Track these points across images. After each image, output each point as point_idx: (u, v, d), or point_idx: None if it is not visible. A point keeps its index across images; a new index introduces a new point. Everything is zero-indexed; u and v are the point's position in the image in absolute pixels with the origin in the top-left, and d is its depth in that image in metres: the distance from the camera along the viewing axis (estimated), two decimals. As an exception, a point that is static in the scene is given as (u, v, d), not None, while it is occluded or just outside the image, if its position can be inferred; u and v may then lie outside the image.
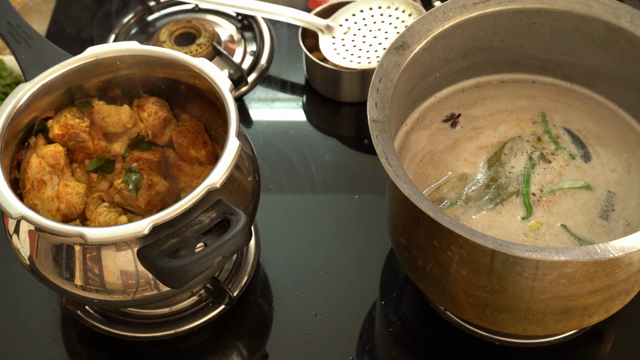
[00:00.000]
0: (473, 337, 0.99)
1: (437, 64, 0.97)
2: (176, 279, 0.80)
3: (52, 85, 0.94)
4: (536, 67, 1.02)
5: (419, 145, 0.97)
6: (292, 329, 1.01)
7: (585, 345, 0.99)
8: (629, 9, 0.93)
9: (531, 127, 0.98)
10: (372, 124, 0.84)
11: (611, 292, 0.85)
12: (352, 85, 1.21)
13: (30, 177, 0.92)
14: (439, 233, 0.83)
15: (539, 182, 0.93)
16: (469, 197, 0.92)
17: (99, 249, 0.85)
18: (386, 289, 1.04)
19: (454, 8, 0.95)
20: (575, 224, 0.90)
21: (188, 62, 0.94)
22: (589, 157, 0.95)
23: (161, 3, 1.35)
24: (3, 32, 0.98)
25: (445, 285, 0.88)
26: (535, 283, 0.81)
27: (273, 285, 1.05)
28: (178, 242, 0.82)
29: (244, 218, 0.82)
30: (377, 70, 0.89)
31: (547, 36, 0.98)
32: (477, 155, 0.96)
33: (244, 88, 1.24)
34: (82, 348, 1.02)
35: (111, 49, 0.96)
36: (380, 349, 1.00)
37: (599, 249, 0.76)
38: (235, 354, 1.02)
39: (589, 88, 1.01)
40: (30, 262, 0.88)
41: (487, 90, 1.02)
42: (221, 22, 1.32)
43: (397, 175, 0.81)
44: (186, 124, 0.98)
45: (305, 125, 1.23)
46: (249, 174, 0.93)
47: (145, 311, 1.02)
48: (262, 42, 1.30)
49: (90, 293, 0.87)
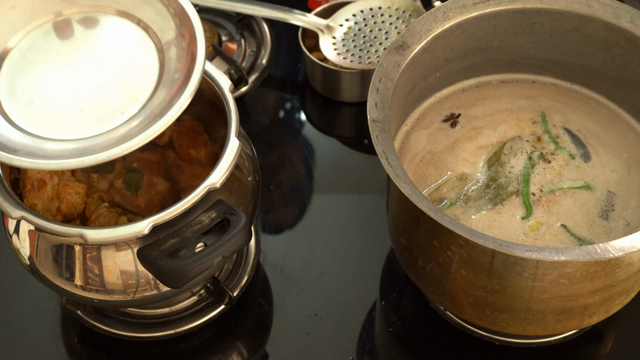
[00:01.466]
0: (473, 337, 0.99)
1: (437, 64, 0.97)
2: (176, 279, 0.80)
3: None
4: (536, 67, 1.02)
5: (419, 145, 0.97)
6: (292, 329, 1.01)
7: (585, 345, 0.99)
8: (629, 9, 0.93)
9: (531, 127, 0.98)
10: (372, 124, 0.84)
11: (611, 292, 0.85)
12: (352, 85, 1.21)
13: (30, 177, 0.92)
14: (439, 233, 0.83)
15: (539, 182, 0.93)
16: (469, 197, 0.92)
17: (99, 249, 0.85)
18: (386, 289, 1.04)
19: (454, 8, 0.95)
20: (575, 224, 0.90)
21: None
22: (589, 157, 0.95)
23: (161, 3, 1.35)
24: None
25: (445, 285, 0.88)
26: (535, 283, 0.81)
27: (273, 285, 1.05)
28: (178, 242, 0.82)
29: (244, 218, 0.82)
30: (377, 70, 0.89)
31: (547, 36, 0.98)
32: (476, 155, 0.96)
33: (244, 88, 1.24)
34: (82, 348, 1.02)
35: None
36: (380, 349, 1.00)
37: (599, 249, 0.76)
38: (235, 354, 1.02)
39: (589, 88, 1.01)
40: (30, 262, 0.88)
41: (487, 90, 1.02)
42: (221, 22, 1.32)
43: (397, 175, 0.81)
44: (186, 124, 0.98)
45: (305, 125, 1.23)
46: (249, 174, 0.93)
47: (145, 311, 1.02)
48: (262, 42, 1.30)
49: (90, 293, 0.87)
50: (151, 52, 0.87)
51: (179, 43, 0.86)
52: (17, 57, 0.88)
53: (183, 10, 0.87)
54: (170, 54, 0.86)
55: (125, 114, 0.83)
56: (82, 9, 0.91)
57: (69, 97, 0.84)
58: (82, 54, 0.87)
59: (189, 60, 0.84)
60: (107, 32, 0.89)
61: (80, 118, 0.83)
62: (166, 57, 0.86)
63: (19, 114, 0.83)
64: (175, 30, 0.87)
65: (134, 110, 0.83)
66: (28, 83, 0.86)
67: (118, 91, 0.84)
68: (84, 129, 0.82)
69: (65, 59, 0.87)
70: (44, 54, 0.88)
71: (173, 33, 0.87)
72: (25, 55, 0.88)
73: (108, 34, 0.89)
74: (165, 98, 0.83)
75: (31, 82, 0.86)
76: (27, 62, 0.87)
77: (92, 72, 0.86)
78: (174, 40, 0.86)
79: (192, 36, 0.85)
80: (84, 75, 0.86)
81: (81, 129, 0.82)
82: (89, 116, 0.83)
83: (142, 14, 0.89)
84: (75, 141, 0.81)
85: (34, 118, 0.83)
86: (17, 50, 0.88)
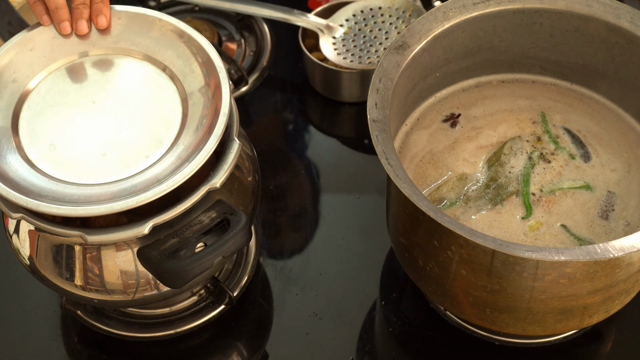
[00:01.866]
0: (473, 337, 0.99)
1: (437, 64, 0.97)
2: (176, 279, 0.80)
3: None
4: (536, 67, 1.02)
5: (419, 145, 0.97)
6: (292, 329, 1.01)
7: (585, 345, 0.99)
8: (629, 9, 0.93)
9: (531, 127, 0.98)
10: (372, 124, 0.84)
11: (611, 292, 0.85)
12: (352, 85, 1.21)
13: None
14: (439, 233, 0.83)
15: (539, 182, 0.93)
16: (469, 197, 0.92)
17: (99, 249, 0.85)
18: (386, 289, 1.04)
19: (454, 8, 0.95)
20: (575, 224, 0.90)
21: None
22: (589, 157, 0.95)
23: (161, 3, 1.35)
24: (3, 32, 0.98)
25: (445, 285, 0.88)
26: (535, 283, 0.81)
27: (273, 285, 1.05)
28: (178, 242, 0.82)
29: (244, 218, 0.82)
30: (377, 70, 0.89)
31: (547, 36, 0.98)
32: (476, 155, 0.96)
33: (244, 88, 1.24)
34: (82, 348, 1.02)
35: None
36: (380, 349, 1.00)
37: (599, 249, 0.76)
38: (235, 354, 1.02)
39: (589, 88, 1.01)
40: (30, 262, 0.88)
41: (487, 90, 1.02)
42: (221, 22, 1.32)
43: (397, 175, 0.81)
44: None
45: (305, 125, 1.23)
46: (249, 174, 0.93)
47: (145, 311, 1.02)
48: (262, 42, 1.30)
49: (90, 293, 0.87)
50: (175, 97, 0.86)
51: (204, 91, 0.86)
52: (37, 99, 0.87)
53: (210, 60, 0.86)
54: (195, 100, 0.86)
55: (150, 157, 0.82)
56: (102, 51, 0.90)
57: (92, 140, 0.84)
58: (103, 96, 0.87)
59: (213, 108, 0.84)
60: (130, 75, 0.88)
61: (104, 162, 0.82)
62: (190, 104, 0.86)
63: (41, 158, 0.83)
64: (201, 78, 0.86)
65: (159, 154, 0.83)
66: (49, 126, 0.85)
67: (141, 135, 0.84)
68: (108, 174, 0.82)
69: (86, 102, 0.86)
70: (64, 97, 0.87)
71: (198, 81, 0.86)
72: (45, 97, 0.87)
73: (130, 77, 0.88)
74: (191, 142, 0.83)
75: (52, 125, 0.85)
76: (47, 105, 0.86)
77: (114, 115, 0.85)
78: (199, 89, 0.86)
79: (217, 86, 0.85)
80: (106, 118, 0.85)
81: (105, 173, 0.82)
82: (113, 160, 0.82)
83: (167, 59, 0.88)
84: (101, 186, 0.81)
85: (56, 162, 0.83)
86: (36, 93, 0.87)
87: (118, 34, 0.90)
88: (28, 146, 0.84)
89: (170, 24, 0.89)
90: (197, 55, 0.87)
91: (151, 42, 0.89)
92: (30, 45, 0.89)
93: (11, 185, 0.80)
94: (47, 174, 0.82)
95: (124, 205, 0.78)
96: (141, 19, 0.90)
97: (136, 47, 0.89)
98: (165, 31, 0.89)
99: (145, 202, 0.78)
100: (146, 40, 0.89)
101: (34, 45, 0.89)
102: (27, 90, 0.87)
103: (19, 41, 0.89)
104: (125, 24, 0.90)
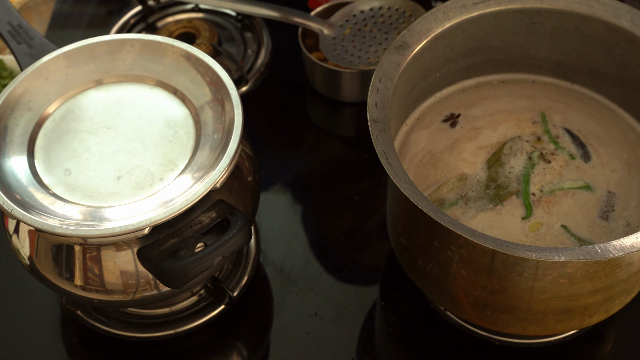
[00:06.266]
0: (473, 337, 0.99)
1: (437, 64, 0.97)
2: (176, 279, 0.80)
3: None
4: (536, 67, 1.02)
5: (419, 145, 0.97)
6: (292, 329, 1.01)
7: (585, 345, 0.99)
8: (629, 9, 0.93)
9: (531, 127, 0.98)
10: (372, 124, 0.84)
11: (611, 292, 0.85)
12: (352, 85, 1.21)
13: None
14: (439, 233, 0.83)
15: (539, 182, 0.93)
16: (469, 197, 0.92)
17: (99, 249, 0.85)
18: (386, 289, 1.04)
19: (454, 8, 0.95)
20: (575, 224, 0.90)
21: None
22: (589, 157, 0.95)
23: (161, 3, 1.35)
24: (3, 32, 0.98)
25: (445, 285, 0.88)
26: (535, 283, 0.81)
27: (273, 285, 1.05)
28: (178, 242, 0.82)
29: (244, 218, 0.82)
30: (377, 70, 0.89)
31: (547, 36, 0.98)
32: (476, 156, 0.96)
33: (244, 88, 1.24)
34: (82, 348, 1.02)
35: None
36: (380, 349, 1.00)
37: (599, 249, 0.76)
38: (235, 354, 1.02)
39: (589, 88, 1.01)
40: (30, 262, 0.89)
41: (487, 90, 1.02)
42: (221, 22, 1.32)
43: (397, 175, 0.81)
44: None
45: (305, 125, 1.23)
46: (249, 174, 0.93)
47: (145, 311, 1.02)
48: (262, 42, 1.30)
49: (90, 293, 0.87)
50: (188, 120, 0.89)
51: (213, 106, 0.88)
52: (51, 126, 0.89)
53: (219, 79, 0.89)
54: (206, 118, 0.88)
55: (165, 180, 0.84)
56: (115, 79, 0.93)
57: (106, 165, 0.86)
58: (117, 122, 0.89)
59: (224, 123, 0.86)
60: (143, 100, 0.91)
61: (119, 186, 0.84)
62: (202, 124, 0.88)
63: (57, 183, 0.85)
64: (210, 96, 0.89)
65: (173, 176, 0.85)
66: (64, 152, 0.87)
67: (155, 158, 0.86)
68: (123, 197, 0.84)
69: (100, 128, 0.89)
70: (79, 123, 0.89)
71: (208, 99, 0.89)
72: (60, 124, 0.89)
73: (143, 102, 0.91)
74: (204, 162, 0.85)
75: (67, 151, 0.87)
76: (62, 132, 0.89)
77: (128, 140, 0.87)
78: (209, 105, 0.88)
79: (226, 100, 0.88)
80: (120, 143, 0.87)
81: (120, 196, 0.84)
82: (128, 184, 0.84)
83: (178, 83, 0.91)
84: (115, 208, 0.83)
85: (71, 187, 0.85)
86: (52, 120, 0.90)
87: (131, 61, 0.93)
88: (44, 172, 0.86)
89: (181, 49, 0.92)
90: (204, 75, 0.90)
91: (163, 68, 0.92)
92: (45, 75, 0.92)
93: (26, 208, 0.82)
94: (63, 198, 0.84)
95: (138, 226, 0.80)
96: (153, 46, 0.93)
97: (149, 73, 0.92)
98: (176, 57, 0.92)
99: (158, 223, 0.80)
100: (158, 67, 0.92)
101: (49, 74, 0.92)
102: (42, 117, 0.90)
103: (34, 71, 0.92)
104: (138, 51, 0.93)
